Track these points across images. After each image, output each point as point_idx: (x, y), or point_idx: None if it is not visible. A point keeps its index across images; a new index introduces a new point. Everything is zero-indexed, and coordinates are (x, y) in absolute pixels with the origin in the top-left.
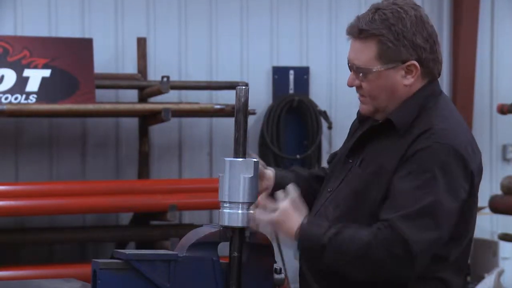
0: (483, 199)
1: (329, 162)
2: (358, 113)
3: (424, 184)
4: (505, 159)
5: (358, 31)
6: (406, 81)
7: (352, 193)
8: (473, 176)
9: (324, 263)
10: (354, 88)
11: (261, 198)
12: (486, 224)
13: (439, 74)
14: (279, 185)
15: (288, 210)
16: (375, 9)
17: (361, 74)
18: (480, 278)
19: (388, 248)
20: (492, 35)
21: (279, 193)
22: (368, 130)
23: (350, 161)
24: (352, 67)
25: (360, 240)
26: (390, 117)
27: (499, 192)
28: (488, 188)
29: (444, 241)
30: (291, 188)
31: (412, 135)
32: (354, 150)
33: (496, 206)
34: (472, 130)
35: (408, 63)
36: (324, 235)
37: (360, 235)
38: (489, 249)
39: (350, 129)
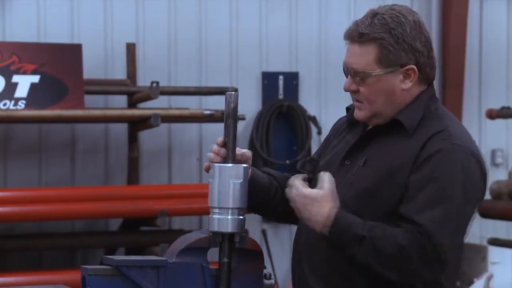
0: None
1: (302, 168)
2: (349, 115)
3: (450, 188)
4: (494, 164)
5: (358, 35)
6: (404, 85)
7: (363, 193)
8: (486, 180)
9: (356, 255)
10: (344, 93)
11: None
12: (476, 229)
13: (433, 79)
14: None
15: (325, 195)
16: (374, 14)
17: (359, 78)
18: (469, 283)
19: (422, 253)
20: (480, 42)
21: (322, 175)
22: (371, 130)
23: (347, 162)
24: (349, 71)
25: (396, 241)
26: (398, 118)
27: (488, 197)
28: None
29: None
30: (329, 177)
31: (424, 134)
32: (353, 152)
33: (486, 211)
34: None
35: (407, 67)
36: (363, 226)
37: (396, 236)
38: (478, 253)
39: (333, 130)
